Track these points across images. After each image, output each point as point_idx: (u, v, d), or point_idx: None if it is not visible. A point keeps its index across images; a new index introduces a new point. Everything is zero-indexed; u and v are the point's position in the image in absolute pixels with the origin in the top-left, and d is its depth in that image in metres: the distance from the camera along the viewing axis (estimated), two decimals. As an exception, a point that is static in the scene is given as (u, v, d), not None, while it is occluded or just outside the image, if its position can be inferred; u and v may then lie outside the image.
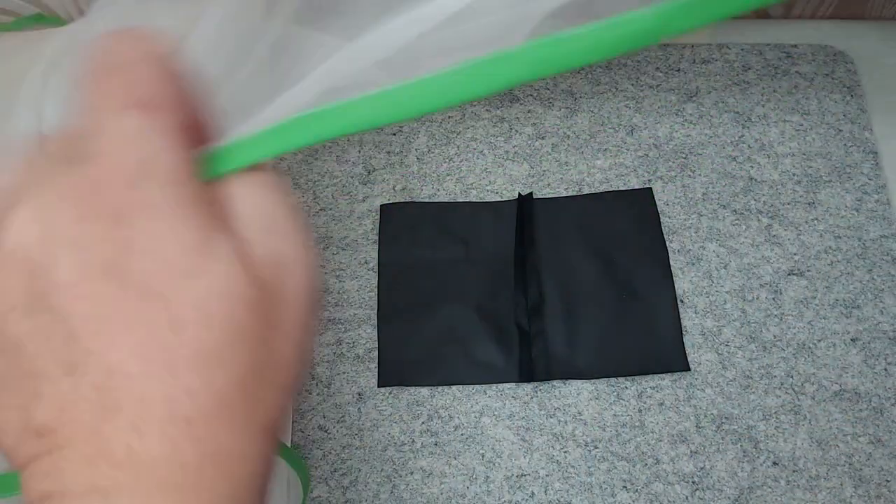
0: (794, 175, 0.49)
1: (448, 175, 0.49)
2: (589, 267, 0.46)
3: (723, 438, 0.42)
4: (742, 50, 0.53)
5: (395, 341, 0.44)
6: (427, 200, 0.48)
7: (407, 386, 0.43)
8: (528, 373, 0.43)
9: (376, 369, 0.44)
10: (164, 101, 0.16)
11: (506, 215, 0.47)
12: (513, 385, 0.43)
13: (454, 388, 0.43)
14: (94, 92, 0.17)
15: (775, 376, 0.43)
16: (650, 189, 0.48)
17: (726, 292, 0.46)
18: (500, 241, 0.47)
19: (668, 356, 0.43)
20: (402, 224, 0.47)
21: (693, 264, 0.47)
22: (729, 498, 0.40)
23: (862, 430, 0.42)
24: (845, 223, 0.48)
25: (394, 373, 0.43)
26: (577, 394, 0.43)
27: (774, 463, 0.41)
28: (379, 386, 0.43)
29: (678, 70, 0.53)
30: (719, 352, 0.44)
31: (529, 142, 0.51)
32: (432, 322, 0.44)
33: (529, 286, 0.45)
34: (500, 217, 0.47)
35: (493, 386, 0.44)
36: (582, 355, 0.43)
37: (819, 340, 0.44)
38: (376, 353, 0.44)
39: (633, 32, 0.15)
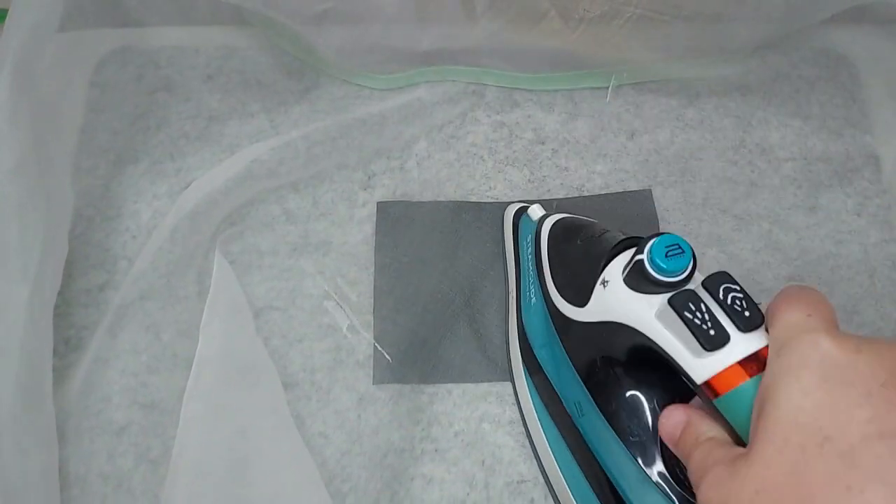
0: (794, 180, 0.49)
1: (448, 180, 0.49)
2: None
3: (723, 445, 0.41)
4: (743, 54, 0.53)
5: (392, 337, 0.44)
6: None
7: (404, 384, 0.43)
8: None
9: (374, 372, 0.44)
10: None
11: (503, 214, 0.47)
12: (513, 391, 0.43)
13: (454, 393, 0.43)
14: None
15: (776, 382, 0.43)
16: (650, 190, 0.48)
17: (727, 298, 0.45)
18: (500, 239, 0.47)
19: None
20: (399, 222, 0.47)
21: (693, 269, 0.46)
22: None
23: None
24: (846, 228, 0.48)
25: (390, 370, 0.43)
26: (577, 400, 0.43)
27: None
28: (374, 384, 0.43)
29: (679, 74, 0.53)
30: (720, 357, 0.44)
31: (529, 147, 0.50)
32: (430, 319, 0.44)
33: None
34: (497, 215, 0.47)
35: (494, 392, 0.43)
36: None
37: (820, 346, 0.44)
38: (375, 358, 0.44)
39: None
